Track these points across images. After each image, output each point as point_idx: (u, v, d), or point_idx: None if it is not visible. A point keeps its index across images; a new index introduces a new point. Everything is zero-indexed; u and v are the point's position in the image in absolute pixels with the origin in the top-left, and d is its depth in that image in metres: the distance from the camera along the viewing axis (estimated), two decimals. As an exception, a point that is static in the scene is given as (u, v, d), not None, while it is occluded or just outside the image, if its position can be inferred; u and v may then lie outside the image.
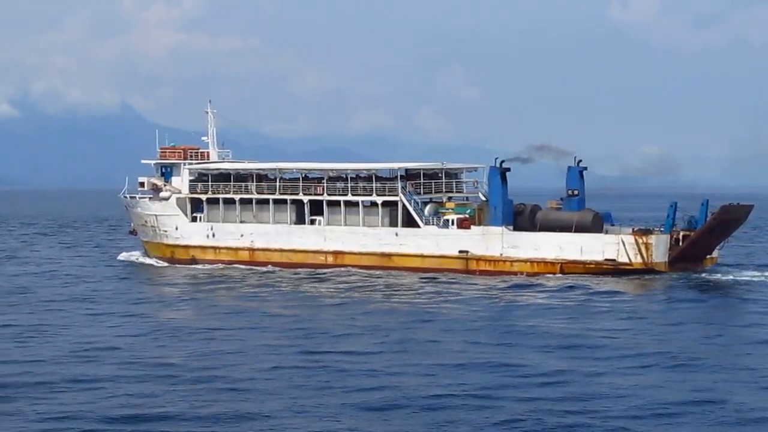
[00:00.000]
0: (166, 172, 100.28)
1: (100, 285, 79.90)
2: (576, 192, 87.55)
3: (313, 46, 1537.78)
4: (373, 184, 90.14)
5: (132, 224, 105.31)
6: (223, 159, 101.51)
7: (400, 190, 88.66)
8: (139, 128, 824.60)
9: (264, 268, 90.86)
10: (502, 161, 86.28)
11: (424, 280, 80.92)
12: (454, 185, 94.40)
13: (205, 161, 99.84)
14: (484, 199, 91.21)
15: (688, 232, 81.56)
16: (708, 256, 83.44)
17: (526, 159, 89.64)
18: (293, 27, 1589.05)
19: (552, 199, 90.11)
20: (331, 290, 76.37)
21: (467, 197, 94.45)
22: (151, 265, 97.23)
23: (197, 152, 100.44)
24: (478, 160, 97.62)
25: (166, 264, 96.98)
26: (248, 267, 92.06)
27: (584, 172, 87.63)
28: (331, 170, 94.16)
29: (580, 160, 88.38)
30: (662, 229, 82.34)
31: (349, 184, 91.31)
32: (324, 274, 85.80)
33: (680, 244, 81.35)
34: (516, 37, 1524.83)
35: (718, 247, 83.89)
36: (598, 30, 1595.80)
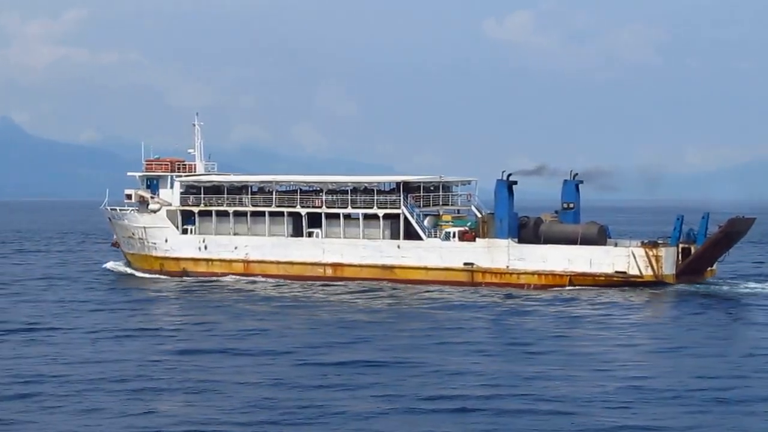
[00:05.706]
0: (153, 185, 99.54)
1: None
2: (572, 205, 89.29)
3: (191, 60, 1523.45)
4: (374, 197, 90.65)
5: (115, 236, 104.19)
6: (210, 171, 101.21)
7: (402, 202, 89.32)
8: (19, 140, 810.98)
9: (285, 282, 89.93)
10: (510, 174, 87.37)
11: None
12: (449, 198, 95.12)
13: (195, 173, 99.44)
14: (476, 211, 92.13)
15: (686, 245, 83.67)
16: (709, 268, 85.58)
17: (531, 171, 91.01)
18: (172, 42, 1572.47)
19: (546, 212, 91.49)
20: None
21: (458, 210, 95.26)
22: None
23: (184, 165, 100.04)
24: (351, 172, 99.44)
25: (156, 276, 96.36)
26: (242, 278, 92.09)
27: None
28: (330, 183, 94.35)
29: (576, 174, 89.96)
30: (667, 241, 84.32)
31: (348, 197, 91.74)
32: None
33: (679, 256, 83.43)
34: (396, 54, 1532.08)
35: (718, 260, 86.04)
36: (473, 47, 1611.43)
